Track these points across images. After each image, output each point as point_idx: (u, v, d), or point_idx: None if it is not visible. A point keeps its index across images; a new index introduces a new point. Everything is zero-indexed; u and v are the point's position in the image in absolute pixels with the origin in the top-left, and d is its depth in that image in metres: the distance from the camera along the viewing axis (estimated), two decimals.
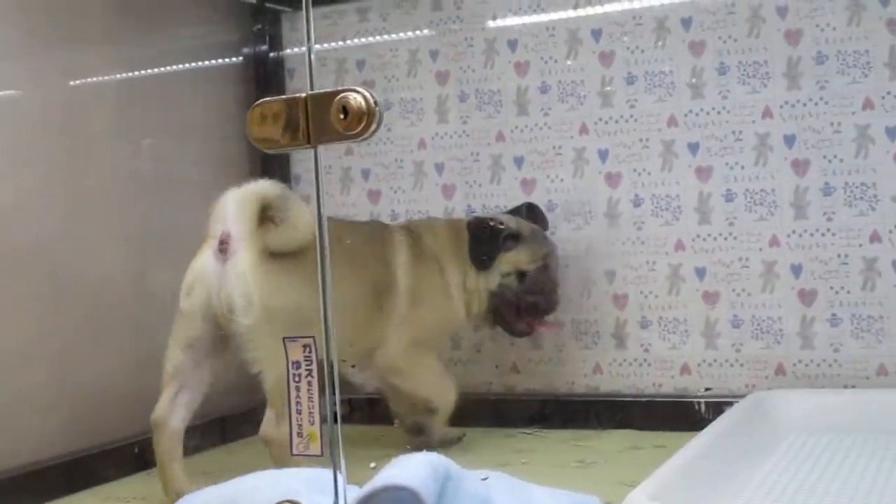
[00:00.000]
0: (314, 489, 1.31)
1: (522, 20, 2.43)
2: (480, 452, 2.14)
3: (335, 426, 1.18)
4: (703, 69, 2.27)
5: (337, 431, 1.18)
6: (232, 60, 2.67)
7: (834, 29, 2.16)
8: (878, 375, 2.14)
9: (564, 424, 2.34)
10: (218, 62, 2.64)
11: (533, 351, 2.43)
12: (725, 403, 2.12)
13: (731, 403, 2.08)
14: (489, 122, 2.47)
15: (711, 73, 2.26)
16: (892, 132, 2.12)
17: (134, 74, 2.35)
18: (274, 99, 1.21)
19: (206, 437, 2.35)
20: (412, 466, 1.26)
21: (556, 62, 2.40)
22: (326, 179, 2.59)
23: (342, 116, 1.14)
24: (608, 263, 2.36)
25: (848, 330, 2.16)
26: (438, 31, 2.53)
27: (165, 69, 2.45)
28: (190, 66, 2.54)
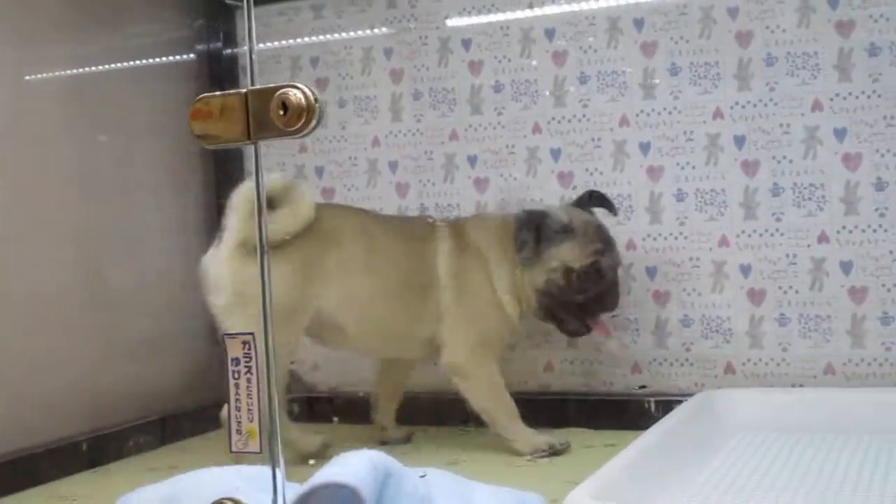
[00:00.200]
0: (256, 487, 1.31)
1: (476, 19, 2.43)
2: (428, 450, 2.15)
3: (274, 423, 1.18)
4: (654, 70, 2.28)
5: (276, 429, 1.18)
6: (186, 57, 2.65)
7: (784, 31, 2.17)
8: (825, 374, 2.15)
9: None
10: (172, 59, 2.62)
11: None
12: (675, 402, 2.12)
13: (680, 402, 2.09)
14: (443, 120, 2.47)
15: (663, 73, 2.27)
16: (840, 134, 2.13)
17: (86, 71, 2.34)
18: (214, 94, 1.21)
19: (156, 434, 2.34)
20: (352, 464, 1.26)
21: (509, 61, 2.40)
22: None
23: (282, 112, 1.14)
24: None
25: (796, 329, 2.17)
26: (393, 29, 2.52)
27: (118, 66, 2.44)
28: (143, 62, 2.52)
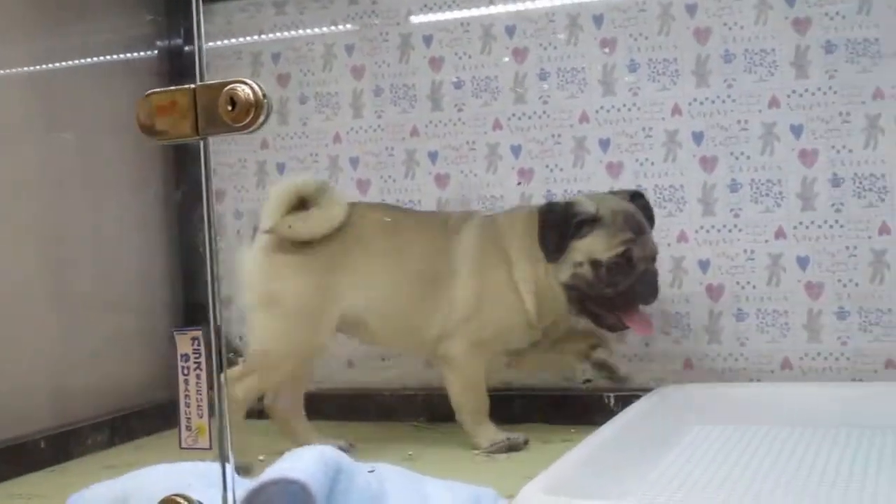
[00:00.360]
0: (208, 483, 1.30)
1: (438, 16, 2.44)
2: (380, 447, 2.14)
3: (224, 419, 1.18)
4: (614, 66, 2.28)
5: (226, 424, 1.18)
6: (147, 54, 2.64)
7: (742, 28, 2.19)
8: (782, 369, 2.17)
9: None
10: (133, 55, 2.61)
11: None
12: (634, 397, 2.13)
13: (639, 397, 2.10)
14: (404, 116, 2.47)
15: (622, 70, 2.28)
16: (797, 130, 2.15)
17: (47, 68, 2.32)
18: (164, 90, 1.20)
19: (114, 432, 2.33)
20: (303, 460, 1.25)
21: (470, 58, 2.40)
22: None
23: (230, 108, 1.13)
24: None
25: (754, 325, 2.19)
26: (355, 25, 2.52)
27: (79, 62, 2.42)
28: (105, 59, 2.51)
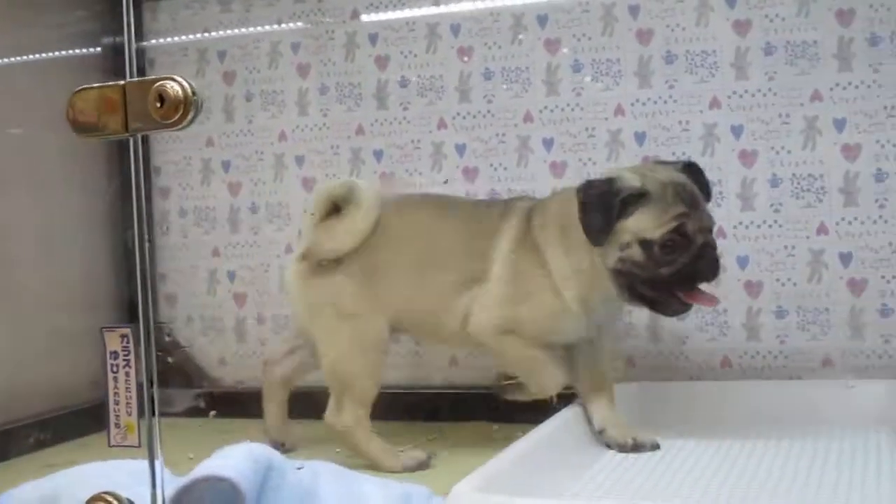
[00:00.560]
0: (140, 481, 1.30)
1: (384, 15, 2.44)
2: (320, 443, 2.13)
3: (153, 417, 1.18)
4: (558, 66, 2.30)
5: (155, 422, 1.18)
6: (92, 50, 2.62)
7: (683, 29, 2.21)
8: (722, 368, 2.19)
9: (425, 417, 2.34)
10: (78, 52, 2.59)
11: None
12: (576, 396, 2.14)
13: None
14: (349, 115, 2.46)
15: (566, 70, 2.29)
16: (737, 130, 2.17)
17: None
18: (93, 86, 1.20)
19: (57, 430, 2.31)
20: (232, 457, 1.26)
21: (415, 57, 2.41)
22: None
23: (158, 105, 1.14)
24: None
25: (694, 324, 2.21)
26: (301, 23, 2.52)
27: (23, 59, 2.40)
28: (50, 55, 2.48)
